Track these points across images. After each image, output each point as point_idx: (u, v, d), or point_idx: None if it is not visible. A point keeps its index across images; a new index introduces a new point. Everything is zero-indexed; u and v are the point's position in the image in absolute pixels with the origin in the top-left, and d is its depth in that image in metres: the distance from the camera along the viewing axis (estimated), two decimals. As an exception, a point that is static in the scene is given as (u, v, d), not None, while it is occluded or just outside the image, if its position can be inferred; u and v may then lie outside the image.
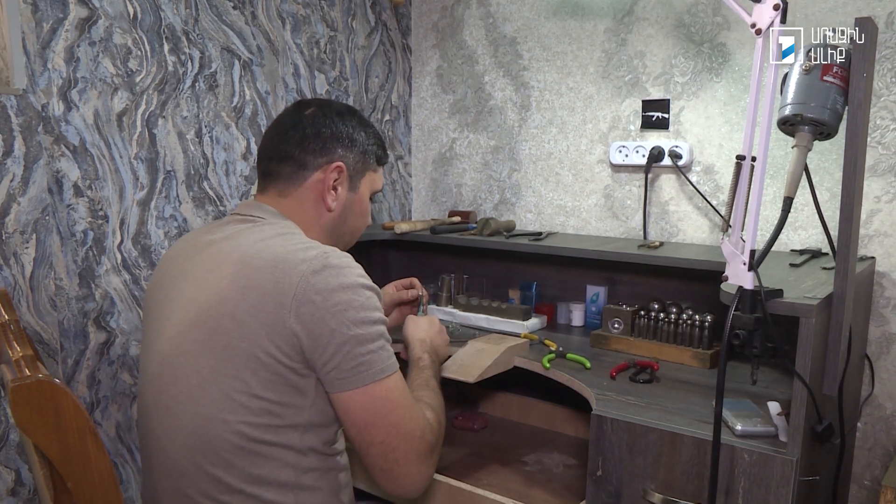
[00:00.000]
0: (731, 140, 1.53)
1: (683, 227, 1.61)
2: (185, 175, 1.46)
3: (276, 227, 0.92)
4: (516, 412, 1.76)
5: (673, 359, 1.33)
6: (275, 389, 0.81)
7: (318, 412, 0.85)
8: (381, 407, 0.83)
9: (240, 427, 0.81)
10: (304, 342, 0.80)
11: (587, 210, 1.75)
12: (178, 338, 0.86)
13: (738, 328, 0.88)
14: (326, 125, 0.97)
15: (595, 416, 1.05)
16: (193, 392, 0.83)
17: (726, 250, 0.92)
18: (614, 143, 1.67)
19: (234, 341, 0.81)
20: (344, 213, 0.99)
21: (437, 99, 2.00)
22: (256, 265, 0.83)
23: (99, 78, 1.29)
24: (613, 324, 1.43)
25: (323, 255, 0.83)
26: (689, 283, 1.49)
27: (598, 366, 1.29)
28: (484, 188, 1.93)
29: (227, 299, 0.82)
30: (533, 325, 1.55)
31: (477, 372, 1.24)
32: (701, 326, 1.32)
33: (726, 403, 1.03)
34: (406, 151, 2.07)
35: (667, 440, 0.98)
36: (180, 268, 0.93)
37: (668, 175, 1.62)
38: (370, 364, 0.83)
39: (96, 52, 1.28)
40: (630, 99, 1.66)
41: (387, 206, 2.02)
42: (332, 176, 0.96)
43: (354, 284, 0.83)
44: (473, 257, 1.82)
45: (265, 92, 1.61)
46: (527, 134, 1.84)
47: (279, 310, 0.80)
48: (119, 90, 1.33)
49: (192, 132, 1.46)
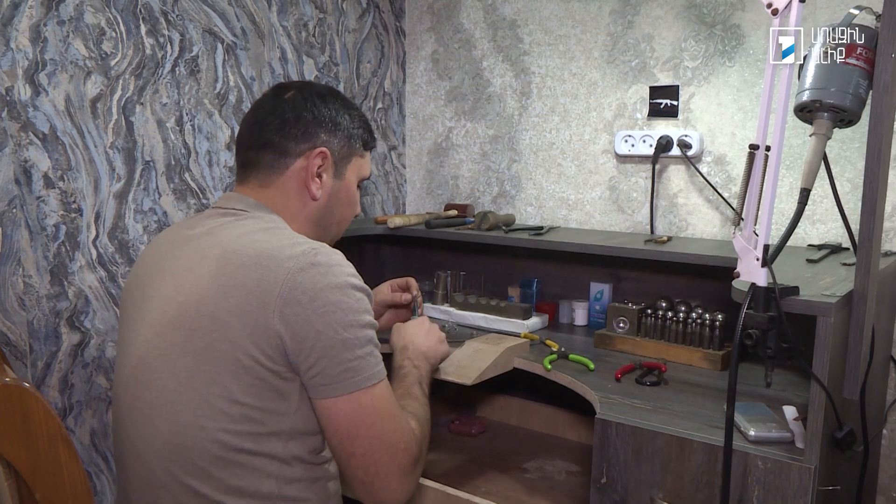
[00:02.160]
0: (745, 128, 1.52)
1: (693, 221, 1.60)
2: (166, 166, 1.44)
3: (260, 221, 0.91)
4: (516, 416, 1.75)
5: (681, 360, 1.33)
6: (257, 394, 0.81)
7: (302, 418, 0.84)
8: (366, 416, 0.83)
9: (219, 435, 0.81)
10: (288, 344, 0.80)
11: (591, 203, 1.74)
12: (154, 339, 0.85)
13: (751, 328, 0.87)
14: (307, 109, 0.96)
15: (599, 421, 1.04)
16: (169, 397, 0.82)
17: (738, 245, 0.91)
18: (620, 132, 1.66)
19: (214, 343, 0.80)
20: (330, 202, 0.99)
21: (433, 86, 1.99)
22: (239, 262, 0.82)
23: (70, 60, 1.27)
24: (618, 323, 1.42)
25: (311, 251, 0.82)
26: (698, 280, 1.49)
27: (603, 367, 1.29)
28: (482, 180, 1.93)
29: (207, 298, 0.82)
30: (533, 325, 1.55)
31: (474, 374, 1.23)
32: (711, 326, 1.32)
33: (739, 407, 1.02)
34: (400, 141, 2.06)
35: (675, 446, 0.98)
36: (158, 265, 0.92)
37: (677, 166, 1.61)
38: (357, 370, 0.82)
39: (66, 33, 1.25)
40: (637, 85, 1.65)
41: (379, 199, 2.01)
42: (316, 162, 0.96)
43: (344, 284, 0.82)
44: (471, 253, 1.82)
45: (250, 77, 1.60)
46: (527, 123, 1.82)
47: (263, 310, 0.79)
48: (92, 74, 1.30)
49: (173, 120, 1.45)
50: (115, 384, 0.92)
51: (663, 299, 1.42)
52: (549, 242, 1.48)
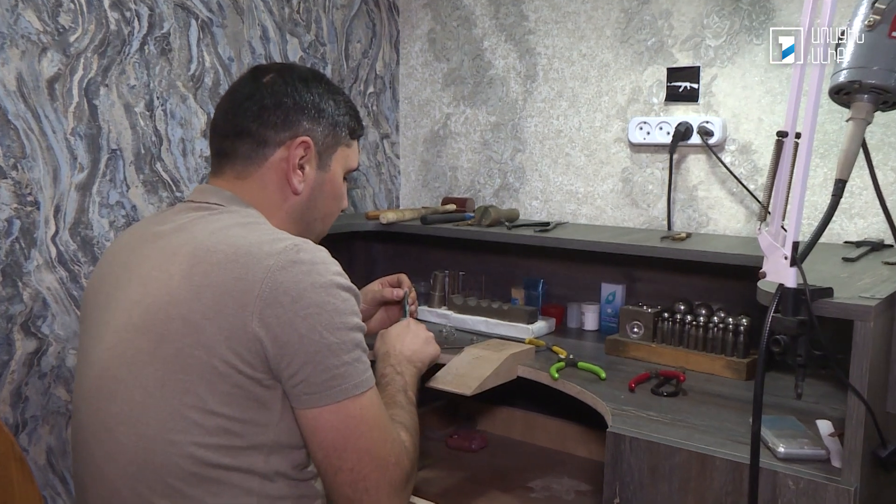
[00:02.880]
0: (773, 113, 1.52)
1: (714, 216, 1.60)
2: (134, 155, 1.44)
3: (237, 216, 0.91)
4: (520, 430, 1.75)
5: (702, 368, 1.33)
6: (234, 404, 0.81)
7: (286, 430, 0.84)
8: (354, 428, 0.83)
9: (192, 449, 0.80)
10: (268, 349, 0.80)
11: (602, 197, 1.74)
12: (119, 346, 0.85)
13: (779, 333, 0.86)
14: (288, 94, 0.96)
15: (611, 435, 1.04)
16: (136, 409, 0.82)
17: (764, 242, 0.91)
18: (634, 118, 1.66)
19: (187, 349, 0.80)
20: (313, 196, 0.99)
21: (429, 68, 1.99)
22: (213, 260, 0.82)
23: (20, 34, 1.26)
24: (632, 328, 1.42)
25: (293, 247, 0.82)
26: (721, 280, 1.49)
27: (615, 376, 1.29)
28: (483, 172, 1.93)
29: (178, 300, 0.82)
30: (539, 330, 1.55)
31: (474, 383, 1.23)
32: (735, 331, 1.32)
33: (766, 421, 1.02)
34: (393, 129, 2.05)
35: (696, 463, 0.98)
36: (124, 264, 0.92)
37: (697, 155, 1.61)
38: (344, 377, 0.82)
39: (14, 2, 1.24)
40: (653, 67, 1.65)
41: (371, 192, 2.01)
42: (298, 153, 0.96)
43: (329, 284, 0.82)
44: (470, 251, 1.82)
45: (228, 58, 1.59)
46: (532, 109, 1.82)
47: (240, 311, 0.79)
48: (48, 51, 1.30)
49: (142, 104, 1.44)
50: (76, 396, 0.92)
51: (682, 302, 1.42)
52: (557, 240, 1.48)
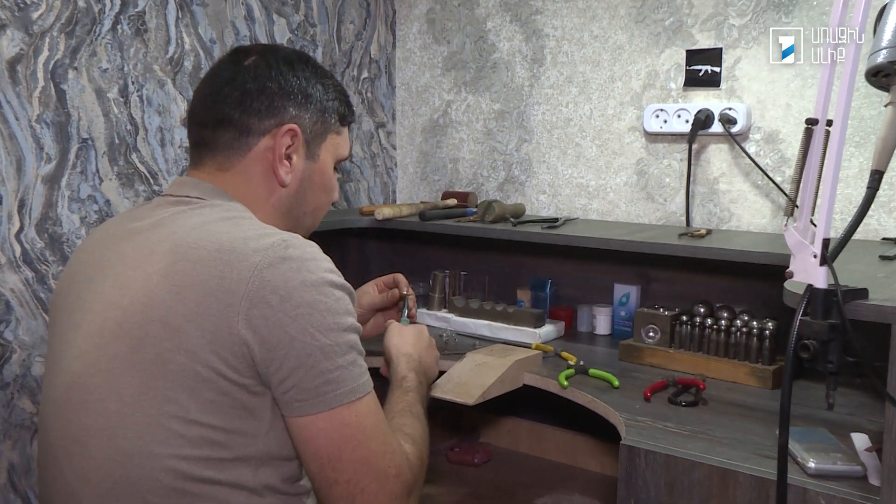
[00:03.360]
0: (803, 98, 1.51)
1: (737, 211, 1.60)
2: (108, 145, 1.43)
3: (221, 210, 0.91)
4: (526, 442, 1.75)
5: (724, 376, 1.33)
6: (219, 413, 0.80)
7: (275, 440, 0.84)
8: (350, 437, 0.83)
9: (173, 463, 0.80)
10: (256, 353, 0.80)
11: (615, 190, 1.74)
12: (92, 352, 0.85)
13: (808, 338, 0.86)
14: (272, 78, 0.96)
15: (625, 448, 1.04)
16: (112, 420, 0.82)
17: (791, 239, 0.91)
18: (650, 105, 1.66)
19: (167, 353, 0.80)
20: (301, 188, 0.99)
21: (428, 51, 1.99)
22: (195, 257, 0.82)
23: (-27, 9, 1.25)
24: (648, 332, 1.43)
25: (281, 243, 0.82)
26: (744, 280, 1.49)
27: (629, 384, 1.29)
28: (486, 163, 1.92)
29: (157, 301, 0.82)
30: (547, 334, 1.55)
31: (477, 392, 1.23)
32: (760, 336, 1.32)
33: (794, 433, 1.02)
34: (389, 117, 2.05)
35: (717, 478, 0.97)
36: (97, 263, 0.92)
37: (719, 145, 1.61)
38: (338, 382, 0.82)
39: (-36, -28, 1.24)
40: (671, 49, 1.64)
41: (365, 185, 2.01)
42: (284, 142, 0.96)
43: (321, 281, 0.82)
44: (473, 250, 1.82)
45: (210, 40, 1.59)
46: (540, 95, 1.82)
47: (225, 312, 0.79)
48: (8, 29, 1.29)
49: (115, 90, 1.44)
50: (44, 407, 0.91)
51: (701, 304, 1.42)
52: (566, 237, 1.48)
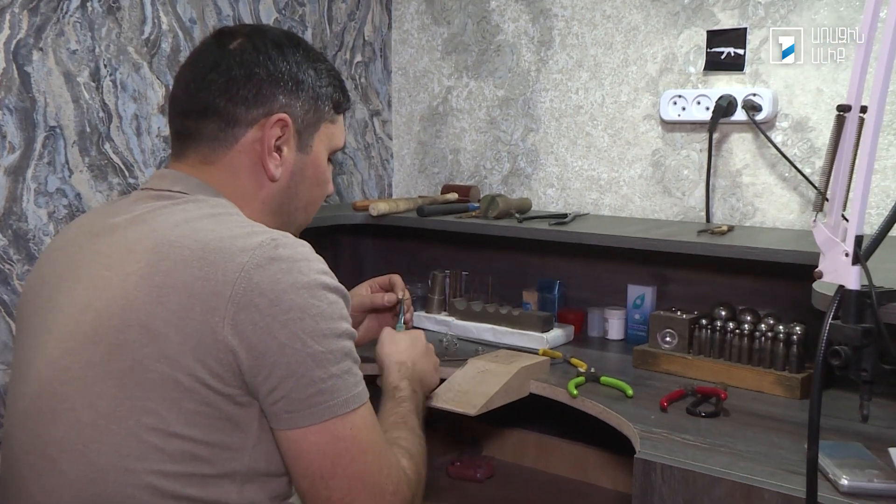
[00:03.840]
0: (836, 83, 1.50)
1: (762, 206, 1.60)
2: (78, 133, 1.43)
3: (205, 206, 0.91)
4: (533, 456, 1.75)
5: (747, 385, 1.33)
6: (203, 425, 0.81)
7: (263, 455, 0.84)
8: (345, 451, 0.83)
9: (151, 479, 0.80)
10: (243, 361, 0.80)
11: (629, 184, 1.74)
12: (64, 360, 0.85)
13: (839, 343, 0.86)
14: (260, 63, 0.96)
15: (640, 462, 1.04)
16: (85, 433, 0.82)
17: (821, 236, 0.91)
18: (667, 91, 1.66)
19: (146, 361, 0.80)
20: (293, 183, 0.99)
21: (427, 33, 1.98)
22: (177, 256, 0.83)
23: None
24: (664, 337, 1.43)
25: (270, 242, 0.83)
26: (769, 281, 1.48)
27: (644, 393, 1.29)
28: (489, 155, 1.92)
29: (136, 304, 0.82)
30: (555, 339, 1.55)
31: (480, 401, 1.24)
32: (786, 341, 1.31)
33: (825, 447, 1.01)
34: (384, 105, 2.05)
35: (740, 496, 0.97)
36: (69, 263, 0.92)
37: (742, 134, 1.61)
38: (332, 392, 0.82)
39: None
40: (690, 30, 1.64)
41: (359, 178, 2.01)
42: (274, 133, 0.96)
43: (313, 284, 0.83)
44: (475, 248, 1.82)
45: (189, 20, 1.58)
46: (547, 81, 1.82)
47: (209, 316, 0.79)
48: (-40, 3, 1.28)
49: (86, 73, 1.43)
50: (8, 420, 0.91)
51: (723, 306, 1.42)
52: (576, 234, 1.48)
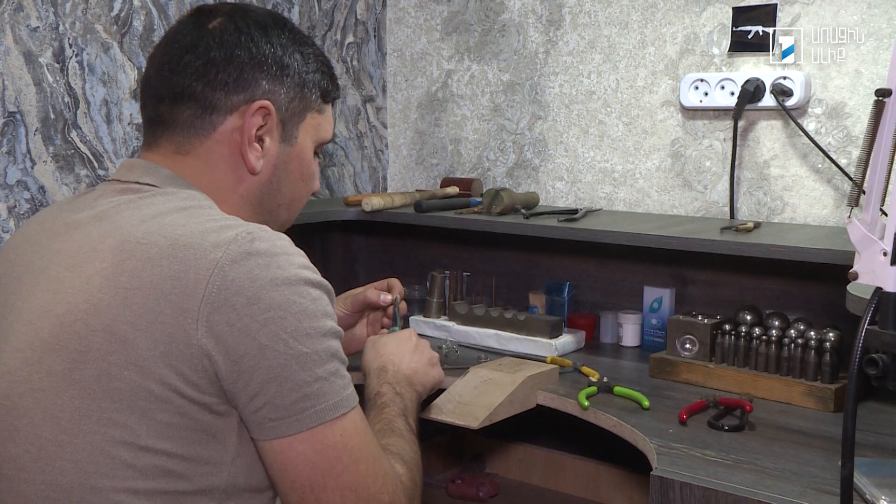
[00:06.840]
0: (877, 64, 1.50)
1: (792, 201, 1.60)
2: (41, 120, 1.43)
3: (175, 199, 0.91)
4: (540, 473, 1.76)
5: (775, 396, 1.33)
6: (176, 437, 0.81)
7: (244, 469, 0.85)
8: (335, 460, 0.83)
9: (120, 498, 0.80)
10: (219, 365, 0.80)
11: (645, 176, 1.74)
12: (22, 369, 0.85)
13: (876, 351, 0.86)
14: (241, 44, 0.96)
15: (657, 479, 1.04)
16: (46, 450, 0.82)
17: (856, 234, 0.91)
18: (688, 75, 1.66)
19: (112, 369, 0.80)
20: (275, 177, 1.00)
21: (424, 11, 1.99)
22: (145, 255, 0.83)
23: None
24: (684, 343, 1.43)
25: (245, 236, 0.83)
26: (799, 283, 1.49)
27: (661, 405, 1.30)
28: (493, 145, 1.92)
29: (100, 308, 0.82)
30: (565, 346, 1.55)
31: (482, 413, 1.24)
32: (818, 348, 1.31)
33: (861, 465, 1.01)
34: (379, 90, 2.05)
35: (767, 518, 0.98)
36: (28, 263, 0.92)
37: (771, 121, 1.61)
38: (318, 397, 0.83)
39: None
40: (714, 6, 1.64)
41: (351, 170, 2.01)
42: (255, 121, 0.96)
43: (294, 279, 0.83)
44: (477, 246, 1.82)
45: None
46: (557, 64, 1.82)
47: (181, 319, 0.79)
48: None
49: (49, 54, 1.43)
50: (-38, 436, 0.92)
51: (748, 310, 1.42)
52: (587, 231, 1.48)
